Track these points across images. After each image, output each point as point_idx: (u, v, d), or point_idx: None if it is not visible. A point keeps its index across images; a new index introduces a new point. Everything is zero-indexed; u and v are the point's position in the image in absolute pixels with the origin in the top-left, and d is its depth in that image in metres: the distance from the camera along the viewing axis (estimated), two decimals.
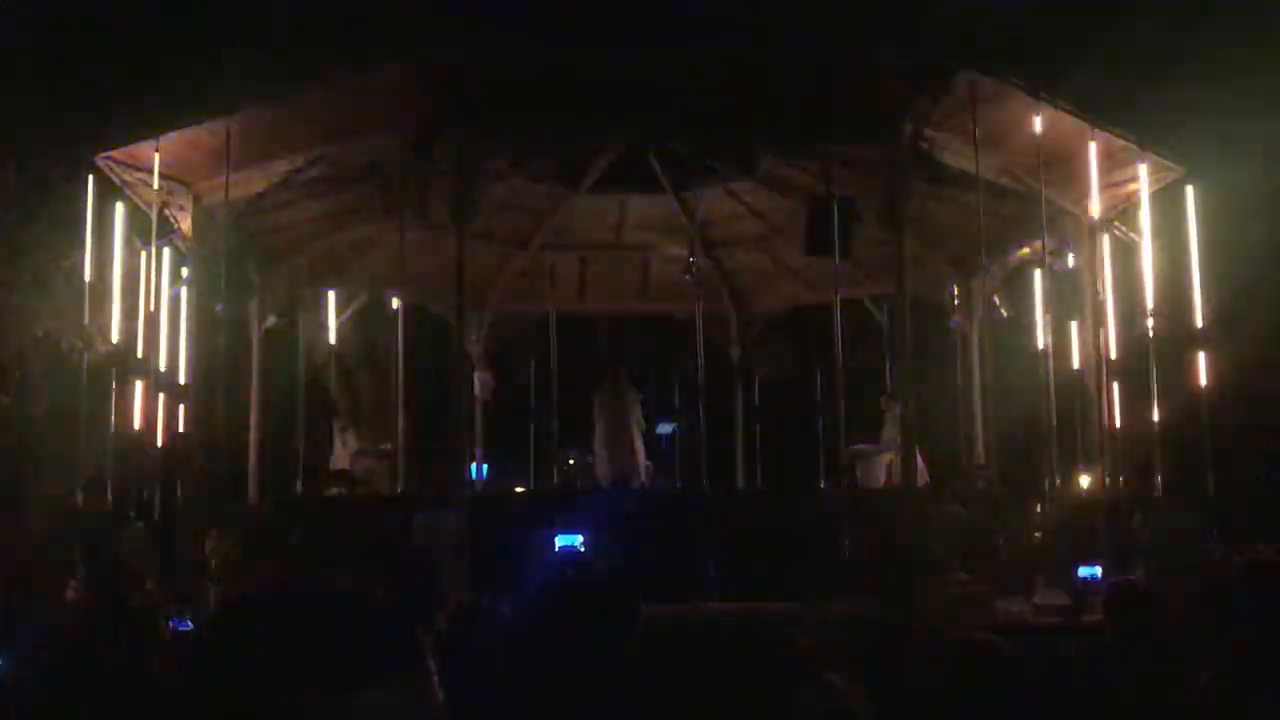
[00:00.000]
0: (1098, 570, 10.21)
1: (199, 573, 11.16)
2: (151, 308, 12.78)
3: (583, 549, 8.43)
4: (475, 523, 10.77)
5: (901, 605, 10.16)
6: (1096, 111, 12.32)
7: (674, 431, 14.86)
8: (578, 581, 2.96)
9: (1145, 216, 12.76)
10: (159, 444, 12.72)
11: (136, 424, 12.61)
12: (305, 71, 11.50)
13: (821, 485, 14.44)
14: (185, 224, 12.98)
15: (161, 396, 13.02)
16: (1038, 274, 13.90)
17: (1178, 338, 12.51)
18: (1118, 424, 12.74)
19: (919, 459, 12.42)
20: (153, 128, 12.09)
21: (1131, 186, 12.88)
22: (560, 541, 8.62)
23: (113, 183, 12.90)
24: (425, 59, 11.05)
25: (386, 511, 12.04)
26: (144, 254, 12.72)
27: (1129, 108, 13.52)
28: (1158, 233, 12.75)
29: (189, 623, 7.25)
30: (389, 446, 15.97)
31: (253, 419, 14.57)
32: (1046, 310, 13.43)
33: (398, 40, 11.37)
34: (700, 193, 15.28)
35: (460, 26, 11.50)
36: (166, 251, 13.15)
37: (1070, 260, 13.25)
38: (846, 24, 11.71)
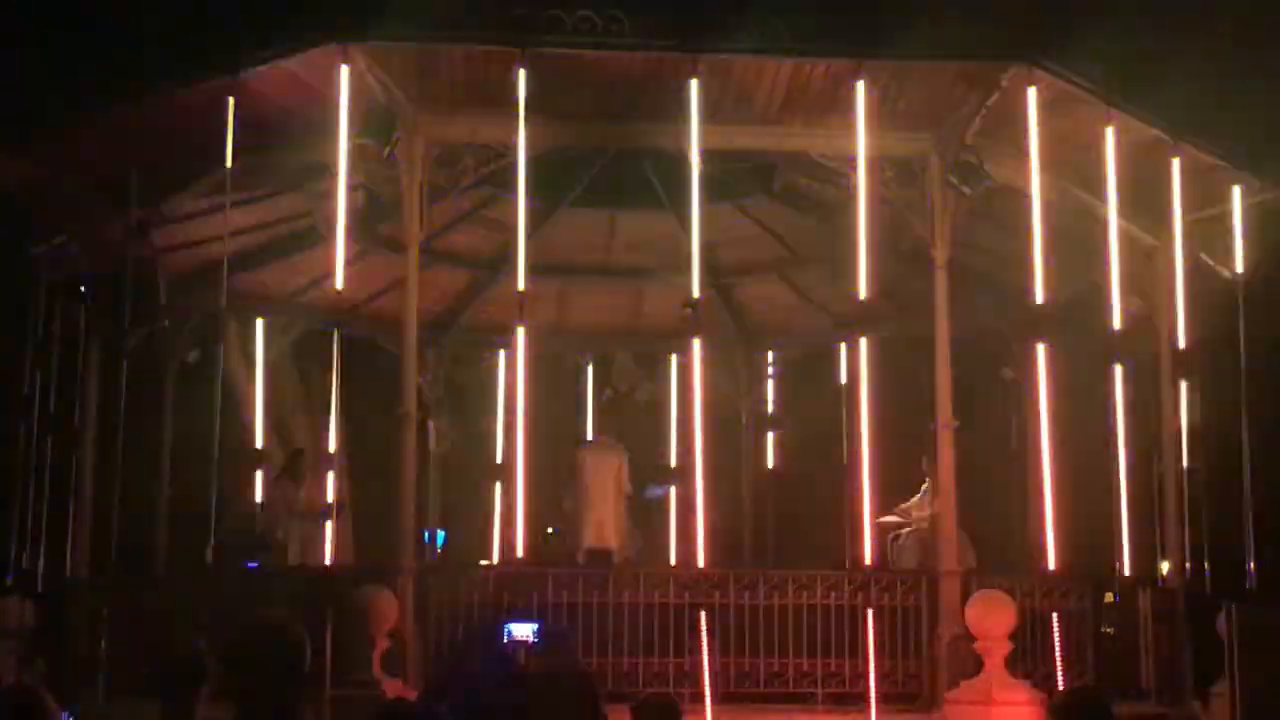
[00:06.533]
0: None
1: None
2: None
3: (536, 639, 8.36)
4: (422, 603, 10.93)
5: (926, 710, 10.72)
6: (1180, 121, 12.24)
7: (663, 494, 14.66)
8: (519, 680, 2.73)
9: (1238, 250, 12.62)
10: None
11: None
12: (227, 50, 11.19)
13: (846, 564, 14.09)
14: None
15: (50, 441, 12.89)
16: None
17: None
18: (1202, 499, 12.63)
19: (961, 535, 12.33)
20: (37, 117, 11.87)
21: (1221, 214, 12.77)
22: (513, 631, 8.61)
23: None
24: (373, 35, 10.86)
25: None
26: None
27: (1220, 120, 13.40)
28: (1253, 269, 12.67)
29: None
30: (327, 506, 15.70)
31: (163, 472, 14.35)
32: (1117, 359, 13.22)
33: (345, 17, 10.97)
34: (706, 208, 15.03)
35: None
36: None
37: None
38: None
